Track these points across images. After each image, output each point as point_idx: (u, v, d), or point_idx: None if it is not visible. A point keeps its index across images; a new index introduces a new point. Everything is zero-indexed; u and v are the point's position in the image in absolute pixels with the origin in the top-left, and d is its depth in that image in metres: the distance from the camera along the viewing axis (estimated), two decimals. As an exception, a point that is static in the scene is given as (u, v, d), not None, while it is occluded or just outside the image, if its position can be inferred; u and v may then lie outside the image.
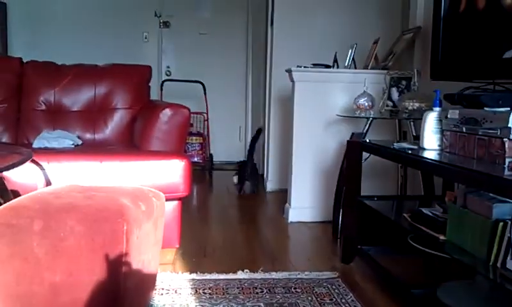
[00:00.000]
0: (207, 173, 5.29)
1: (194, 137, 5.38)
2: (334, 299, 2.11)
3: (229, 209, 3.82)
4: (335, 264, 2.61)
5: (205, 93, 5.38)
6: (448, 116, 2.04)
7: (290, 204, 3.49)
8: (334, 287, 2.24)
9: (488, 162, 1.77)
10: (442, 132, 2.12)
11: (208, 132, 5.54)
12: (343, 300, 2.10)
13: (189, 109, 2.66)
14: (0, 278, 1.61)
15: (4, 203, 1.73)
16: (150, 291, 1.95)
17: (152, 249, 1.86)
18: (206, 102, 5.41)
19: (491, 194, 1.74)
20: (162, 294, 2.11)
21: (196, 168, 5.04)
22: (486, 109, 1.86)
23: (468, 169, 1.67)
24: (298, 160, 3.45)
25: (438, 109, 2.16)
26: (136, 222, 1.65)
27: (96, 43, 5.36)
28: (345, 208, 2.64)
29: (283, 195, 4.11)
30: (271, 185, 4.55)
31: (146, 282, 1.86)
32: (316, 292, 2.18)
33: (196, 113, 5.47)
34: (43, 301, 1.61)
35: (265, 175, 4.72)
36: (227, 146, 5.74)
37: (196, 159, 5.33)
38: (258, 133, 4.71)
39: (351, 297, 2.14)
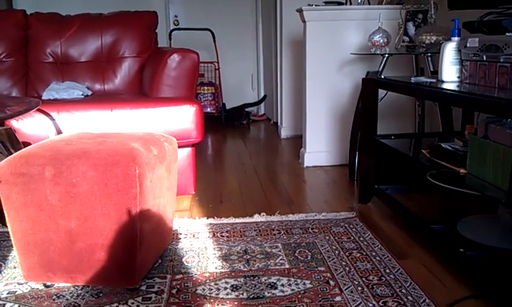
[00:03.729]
0: (220, 123, 5.25)
1: (205, 87, 5.31)
2: (352, 238, 2.09)
3: (244, 157, 3.80)
4: (353, 205, 2.58)
5: (214, 41, 5.26)
6: (468, 44, 1.95)
7: (305, 149, 3.45)
8: (352, 226, 2.22)
9: (511, 90, 1.69)
10: (461, 62, 2.03)
11: (219, 81, 5.46)
12: (361, 239, 2.08)
13: (197, 54, 2.59)
14: (16, 226, 1.62)
15: (15, 153, 1.71)
16: (167, 235, 1.95)
17: (167, 194, 1.84)
18: (216, 50, 5.30)
19: (514, 123, 1.68)
20: (180, 239, 2.11)
21: (210, 116, 5.02)
22: (508, 34, 1.77)
23: (490, 96, 1.60)
24: (312, 103, 3.38)
25: (456, 38, 2.06)
26: (148, 166, 1.63)
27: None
28: (362, 147, 2.58)
29: (297, 141, 4.08)
30: (285, 132, 4.50)
31: (163, 226, 1.85)
32: (334, 232, 2.16)
33: (207, 62, 5.38)
34: (60, 248, 1.62)
35: (279, 122, 4.67)
36: (240, 95, 5.66)
37: (208, 109, 5.28)
38: (264, 98, 5.56)
39: (369, 235, 2.12)
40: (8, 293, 1.67)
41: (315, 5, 3.25)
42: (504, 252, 1.82)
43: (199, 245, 2.05)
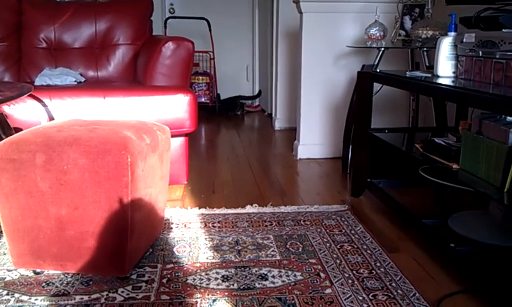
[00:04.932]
0: (214, 113, 5.23)
1: (200, 77, 5.28)
2: (343, 230, 2.09)
3: (237, 148, 3.79)
4: (345, 198, 2.58)
5: (210, 30, 5.22)
6: (464, 40, 1.94)
7: (299, 141, 3.45)
8: (343, 219, 2.22)
9: (505, 86, 1.69)
10: (457, 58, 2.02)
11: (214, 71, 5.43)
12: (352, 232, 2.08)
13: (192, 43, 2.57)
14: (6, 213, 1.61)
15: (6, 138, 1.69)
16: (159, 224, 1.94)
17: (159, 183, 1.83)
18: (211, 39, 5.27)
19: (507, 119, 1.68)
20: (171, 228, 2.10)
21: (204, 106, 4.99)
22: (504, 30, 1.76)
23: (485, 92, 1.60)
24: (307, 95, 3.37)
25: (453, 33, 2.05)
26: (140, 154, 1.62)
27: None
28: (355, 141, 2.58)
29: (291, 133, 4.07)
30: (279, 124, 4.49)
31: (154, 215, 1.84)
32: (325, 224, 2.16)
33: (202, 52, 5.35)
34: (50, 235, 1.61)
35: (273, 114, 4.66)
36: (235, 86, 5.64)
37: (203, 99, 5.25)
38: (259, 94, 5.57)
39: (360, 228, 2.12)
40: (-4, 280, 1.66)
41: (312, -4, 3.23)
42: (494, 248, 1.83)
43: (190, 235, 2.05)
